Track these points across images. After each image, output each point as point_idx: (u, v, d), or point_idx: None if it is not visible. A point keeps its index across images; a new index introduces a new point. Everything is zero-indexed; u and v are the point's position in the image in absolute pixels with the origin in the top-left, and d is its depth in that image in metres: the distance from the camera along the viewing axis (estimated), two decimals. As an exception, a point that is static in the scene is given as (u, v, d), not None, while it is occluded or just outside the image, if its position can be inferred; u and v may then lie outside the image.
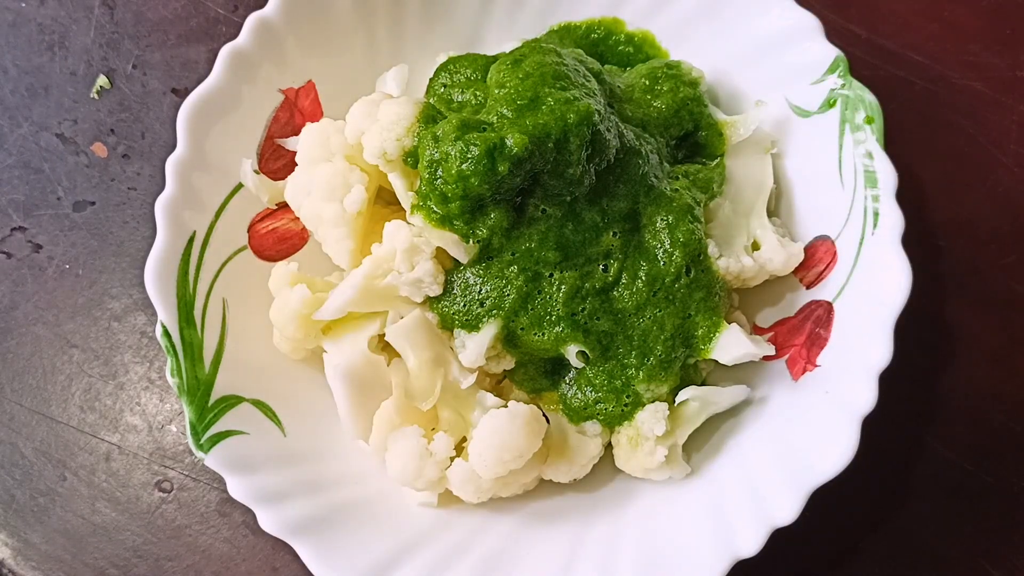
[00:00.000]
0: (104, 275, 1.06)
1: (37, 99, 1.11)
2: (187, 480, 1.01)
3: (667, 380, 0.88)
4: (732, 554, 0.80)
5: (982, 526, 0.98)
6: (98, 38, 1.12)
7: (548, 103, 0.83)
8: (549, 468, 0.90)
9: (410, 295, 0.87)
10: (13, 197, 1.08)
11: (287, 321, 0.89)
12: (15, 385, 1.04)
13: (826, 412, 0.83)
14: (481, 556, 0.86)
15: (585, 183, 0.85)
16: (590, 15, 1.02)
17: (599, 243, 0.88)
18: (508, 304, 0.86)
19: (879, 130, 0.87)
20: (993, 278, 1.04)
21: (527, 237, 0.86)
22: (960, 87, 1.09)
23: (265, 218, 0.96)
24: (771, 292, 0.95)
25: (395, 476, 0.87)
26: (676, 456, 0.89)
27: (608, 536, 0.87)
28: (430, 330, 0.88)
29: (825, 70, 0.91)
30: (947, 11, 1.12)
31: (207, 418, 0.85)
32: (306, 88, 0.97)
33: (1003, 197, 1.06)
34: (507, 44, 1.00)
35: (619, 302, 0.88)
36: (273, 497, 0.84)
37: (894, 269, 0.83)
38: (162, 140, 1.09)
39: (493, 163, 0.80)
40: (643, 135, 0.92)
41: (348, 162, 0.90)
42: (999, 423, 1.01)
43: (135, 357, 1.04)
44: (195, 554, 0.99)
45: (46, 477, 1.01)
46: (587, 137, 0.83)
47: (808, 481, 0.80)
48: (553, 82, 0.85)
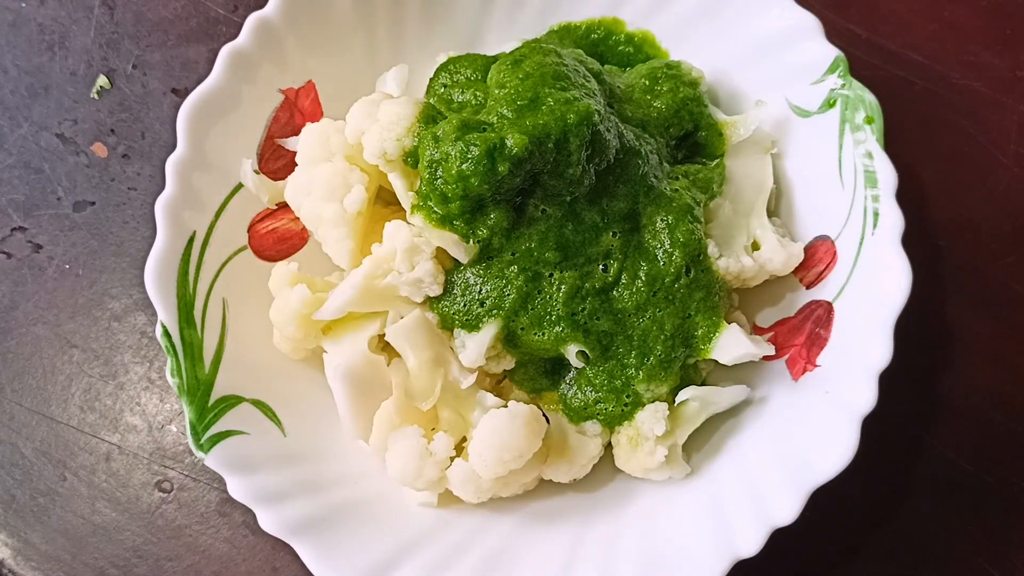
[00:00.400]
0: (104, 275, 1.06)
1: (37, 99, 1.11)
2: (187, 480, 1.01)
3: (667, 380, 0.88)
4: (732, 554, 0.80)
5: (982, 526, 0.98)
6: (98, 38, 1.12)
7: (548, 103, 0.83)
8: (549, 468, 0.90)
9: (410, 295, 0.87)
10: (13, 197, 1.08)
11: (287, 321, 0.89)
12: (15, 385, 1.04)
13: (826, 412, 0.83)
14: (481, 556, 0.86)
15: (585, 183, 0.85)
16: (590, 15, 1.02)
17: (599, 243, 0.88)
18: (508, 304, 0.86)
19: (879, 130, 0.87)
20: (993, 278, 1.04)
21: (527, 237, 0.86)
22: (960, 87, 1.09)
23: (265, 218, 0.96)
24: (771, 292, 0.95)
25: (395, 476, 0.87)
26: (676, 456, 0.89)
27: (608, 536, 0.87)
28: (430, 330, 0.88)
29: (825, 70, 0.91)
30: (947, 11, 1.12)
31: (207, 418, 0.85)
32: (306, 88, 0.97)
33: (1003, 197, 1.06)
34: (507, 44, 1.00)
35: (619, 302, 0.88)
36: (273, 497, 0.84)
37: (894, 269, 0.83)
38: (162, 140, 1.09)
39: (493, 163, 0.80)
40: (643, 135, 0.92)
41: (348, 162, 0.90)
42: (999, 423, 1.01)
43: (135, 357, 1.04)
44: (195, 554, 0.99)
45: (46, 477, 1.01)
46: (587, 137, 0.83)
47: (808, 481, 0.80)
48: (553, 82, 0.85)
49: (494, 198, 0.83)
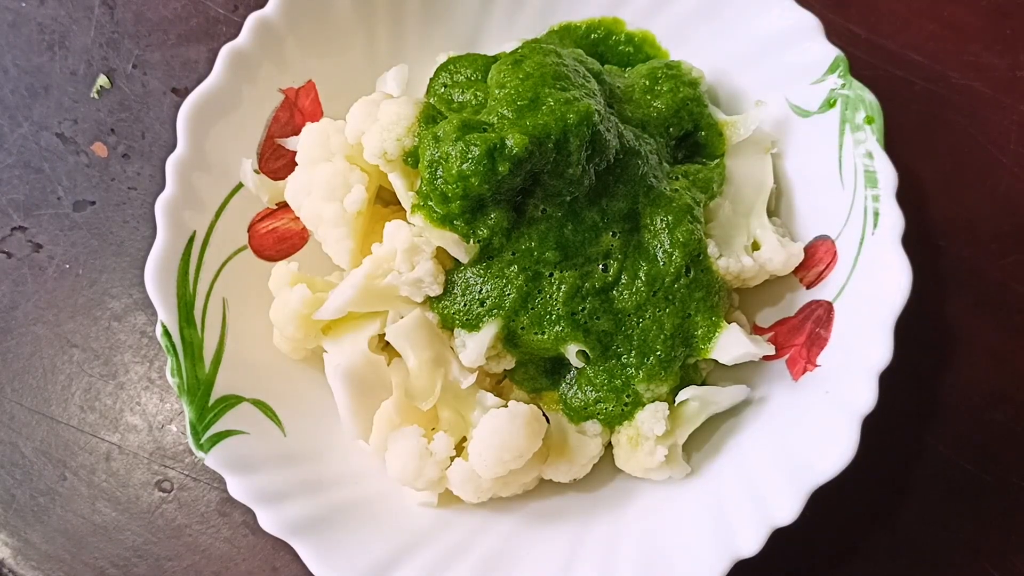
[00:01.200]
0: (104, 275, 1.06)
1: (37, 99, 1.11)
2: (187, 480, 1.01)
3: (667, 380, 0.88)
4: (732, 554, 0.80)
5: (982, 526, 0.98)
6: (98, 38, 1.12)
7: (548, 103, 0.83)
8: (549, 468, 0.90)
9: (410, 295, 0.87)
10: (13, 197, 1.08)
11: (287, 321, 0.89)
12: (15, 385, 1.04)
13: (826, 412, 0.83)
14: (481, 556, 0.86)
15: (585, 183, 0.85)
16: (590, 15, 1.02)
17: (599, 243, 0.88)
18: (508, 304, 0.86)
19: (879, 130, 0.87)
20: (993, 278, 1.04)
21: (527, 237, 0.86)
22: (960, 87, 1.09)
23: (265, 218, 0.96)
24: (771, 292, 0.95)
25: (395, 476, 0.87)
26: (676, 456, 0.89)
27: (608, 536, 0.87)
28: (430, 330, 0.88)
29: (825, 70, 0.91)
30: (947, 11, 1.12)
31: (207, 418, 0.85)
32: (306, 88, 0.97)
33: (1003, 197, 1.06)
34: (507, 44, 1.00)
35: (619, 302, 0.88)
36: (273, 497, 0.84)
37: (894, 269, 0.83)
38: (162, 140, 1.09)
39: (493, 163, 0.80)
40: (643, 135, 0.92)
41: (348, 162, 0.90)
42: (999, 423, 1.01)
43: (135, 357, 1.04)
44: (195, 554, 0.99)
45: (46, 477, 1.01)
46: (587, 137, 0.83)
47: (808, 481, 0.80)
48: (553, 82, 0.85)
49: (494, 198, 0.83)
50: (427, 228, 0.84)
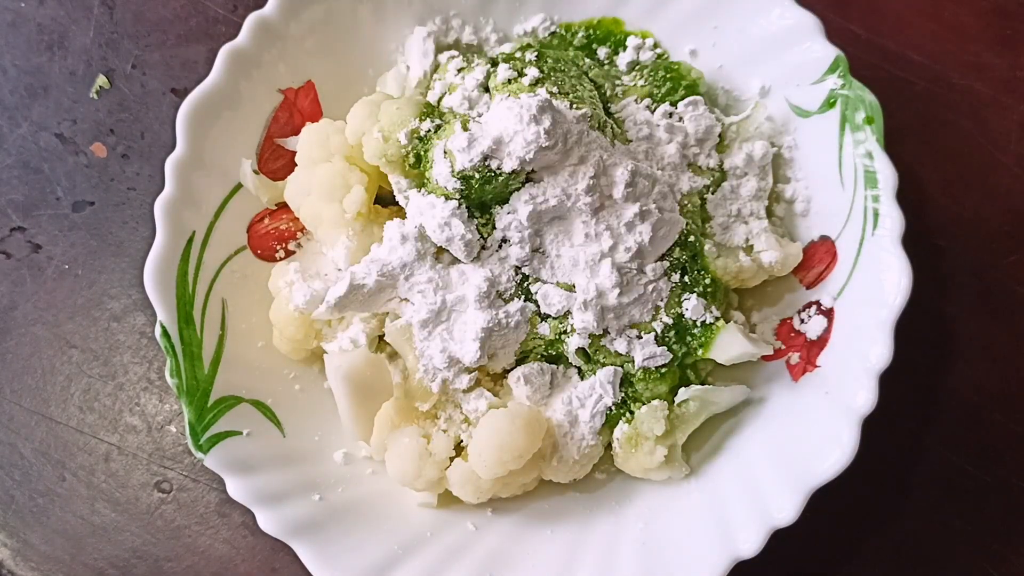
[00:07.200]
0: (103, 275, 1.06)
1: (37, 99, 1.11)
2: (186, 481, 1.01)
3: (666, 379, 0.88)
4: (732, 554, 0.80)
5: (982, 526, 0.98)
6: (97, 38, 1.12)
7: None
8: (549, 468, 0.90)
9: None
10: (12, 197, 1.08)
11: (287, 321, 0.89)
12: (14, 385, 1.04)
13: (826, 412, 0.83)
14: (481, 556, 0.86)
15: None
16: (590, 15, 1.02)
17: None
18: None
19: (879, 130, 0.87)
20: (993, 278, 1.04)
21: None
22: (960, 87, 1.09)
23: (264, 218, 0.96)
24: (771, 292, 0.95)
25: (395, 476, 0.87)
26: (676, 456, 0.89)
27: (608, 536, 0.87)
28: (430, 330, 0.88)
29: (825, 70, 0.91)
30: (947, 11, 1.11)
31: (206, 419, 0.85)
32: (306, 88, 0.97)
33: (1003, 197, 1.06)
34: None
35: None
36: (272, 498, 0.84)
37: (894, 269, 0.83)
38: (161, 140, 1.09)
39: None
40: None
41: (348, 162, 0.90)
42: (999, 423, 1.01)
43: (134, 357, 1.04)
44: (194, 555, 0.99)
45: (45, 478, 1.01)
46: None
47: (808, 481, 0.80)
48: (553, 83, 0.85)
49: (494, 198, 0.83)
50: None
